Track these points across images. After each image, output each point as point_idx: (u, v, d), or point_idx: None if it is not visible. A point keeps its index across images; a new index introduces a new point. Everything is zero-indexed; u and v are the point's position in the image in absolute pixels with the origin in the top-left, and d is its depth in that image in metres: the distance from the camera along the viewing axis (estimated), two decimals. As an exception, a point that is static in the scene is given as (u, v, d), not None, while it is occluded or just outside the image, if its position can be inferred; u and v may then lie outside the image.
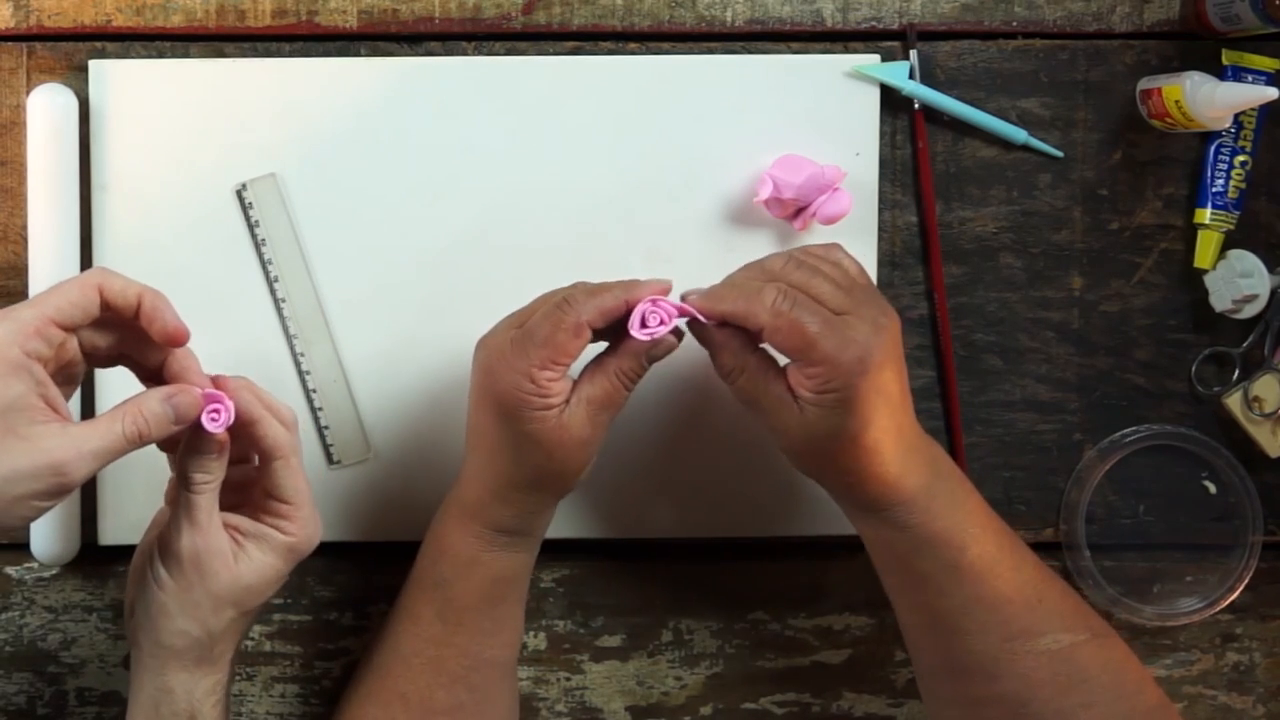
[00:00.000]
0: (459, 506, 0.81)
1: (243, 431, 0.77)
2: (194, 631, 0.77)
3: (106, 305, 0.74)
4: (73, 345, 0.75)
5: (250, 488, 0.80)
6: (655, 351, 0.78)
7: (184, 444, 0.76)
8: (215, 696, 0.79)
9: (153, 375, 0.77)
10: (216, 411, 0.75)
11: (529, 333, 0.76)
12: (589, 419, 0.77)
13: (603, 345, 0.79)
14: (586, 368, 0.79)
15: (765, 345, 0.78)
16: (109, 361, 0.77)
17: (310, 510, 0.79)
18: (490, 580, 0.82)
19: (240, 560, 0.77)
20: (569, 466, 0.78)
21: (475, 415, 0.80)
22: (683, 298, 0.78)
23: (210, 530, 0.76)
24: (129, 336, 0.76)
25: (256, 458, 0.80)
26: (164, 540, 0.77)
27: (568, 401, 0.77)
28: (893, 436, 0.77)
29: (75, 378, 0.76)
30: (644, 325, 0.77)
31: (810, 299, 0.75)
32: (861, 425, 0.75)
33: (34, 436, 0.70)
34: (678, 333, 0.78)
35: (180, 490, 0.77)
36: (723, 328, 0.78)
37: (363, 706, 0.83)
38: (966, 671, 0.80)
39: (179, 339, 0.75)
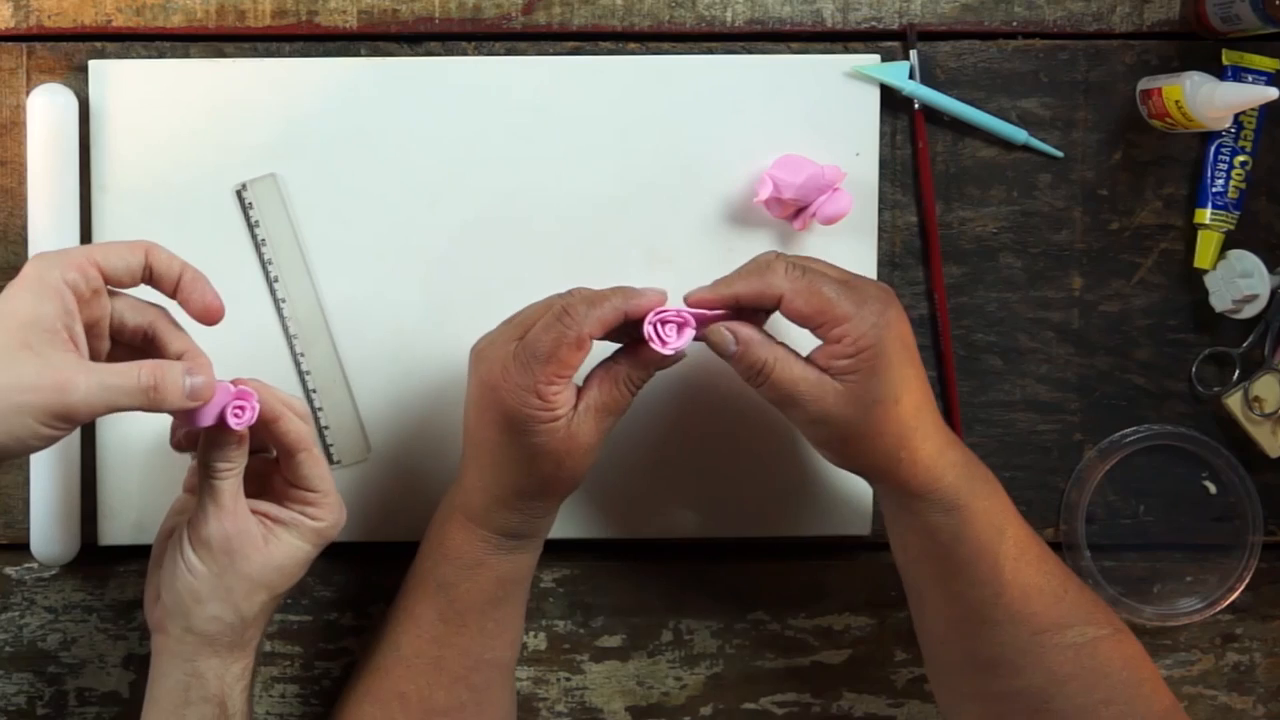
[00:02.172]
0: (463, 513, 0.81)
1: (264, 429, 0.78)
2: (227, 617, 0.78)
3: (150, 272, 0.75)
4: (105, 305, 0.75)
5: (270, 476, 0.81)
6: (670, 361, 0.78)
7: (204, 439, 0.77)
8: (244, 682, 0.80)
9: None
10: (240, 409, 0.76)
11: (531, 347, 0.76)
12: (596, 425, 0.78)
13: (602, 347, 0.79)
14: (592, 374, 0.79)
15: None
16: (131, 344, 0.77)
17: (336, 495, 0.81)
18: (495, 581, 0.82)
19: (270, 542, 0.78)
20: (577, 473, 0.79)
21: (478, 428, 0.79)
22: (686, 300, 0.78)
23: (238, 514, 0.77)
24: (157, 321, 0.77)
25: (274, 451, 0.81)
26: (193, 527, 0.78)
27: (574, 409, 0.77)
28: (929, 405, 0.78)
29: (99, 351, 0.76)
30: (657, 334, 0.77)
31: (816, 270, 0.77)
32: (901, 385, 0.76)
33: (47, 355, 0.69)
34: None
35: (204, 478, 0.77)
36: (744, 324, 0.77)
37: (360, 706, 0.83)
38: (993, 665, 0.80)
39: (215, 314, 0.76)
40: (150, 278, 0.75)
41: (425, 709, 0.82)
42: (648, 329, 0.76)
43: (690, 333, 0.77)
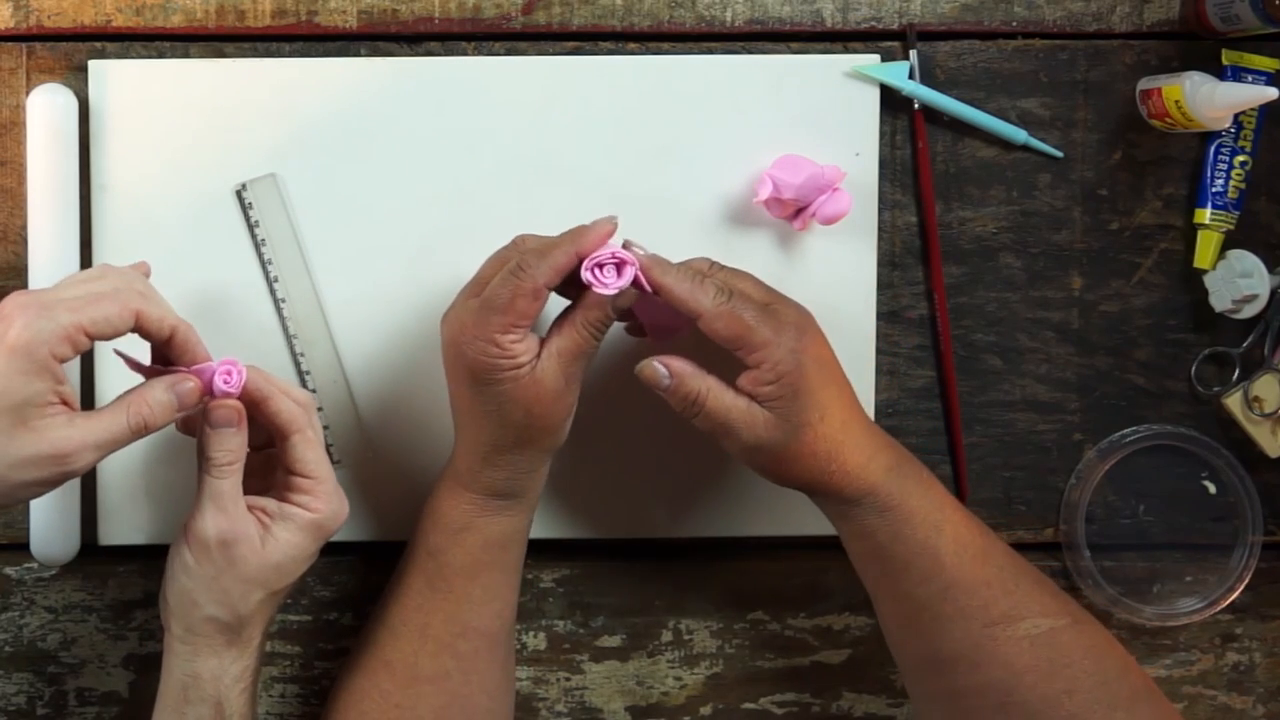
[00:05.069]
0: (452, 478, 0.83)
1: (256, 411, 0.79)
2: (223, 616, 0.78)
3: (139, 330, 0.76)
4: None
5: (273, 472, 0.81)
6: (619, 302, 0.79)
7: (201, 421, 0.78)
8: (243, 684, 0.80)
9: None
10: (228, 374, 0.77)
11: (488, 302, 0.77)
12: (561, 371, 0.79)
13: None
14: (553, 323, 0.80)
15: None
16: None
17: (333, 485, 0.81)
18: (481, 545, 0.82)
19: (267, 543, 0.78)
20: (549, 421, 0.80)
21: (453, 389, 0.81)
22: (625, 244, 0.79)
23: (235, 514, 0.78)
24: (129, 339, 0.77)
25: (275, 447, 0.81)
26: (190, 526, 0.78)
27: (538, 357, 0.78)
28: (855, 417, 0.80)
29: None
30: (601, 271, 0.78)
31: (741, 294, 0.79)
32: (825, 404, 0.78)
33: (43, 429, 0.72)
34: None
35: (203, 475, 0.78)
36: (675, 358, 0.79)
37: (353, 678, 0.84)
38: (950, 662, 0.80)
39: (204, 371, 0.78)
40: (138, 332, 0.76)
41: (411, 676, 0.82)
42: (585, 274, 0.77)
43: (631, 271, 0.78)
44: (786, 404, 0.78)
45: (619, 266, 0.78)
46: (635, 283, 0.78)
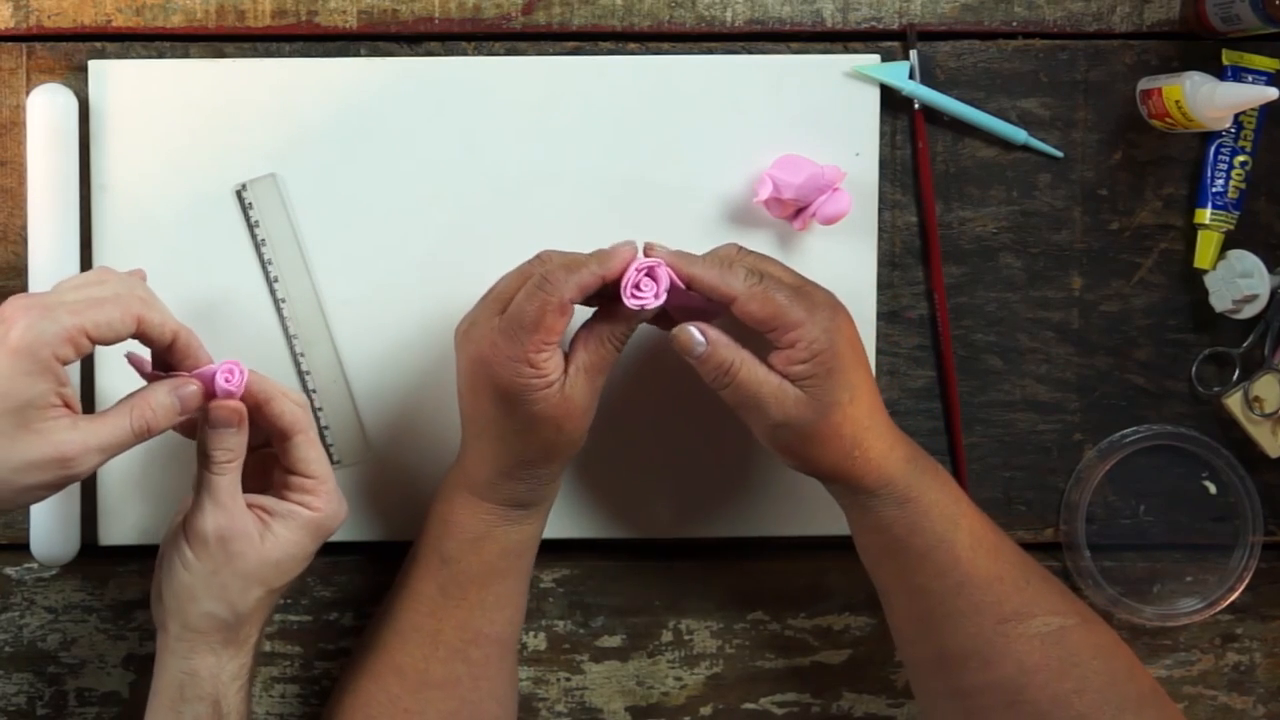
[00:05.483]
0: (467, 490, 0.82)
1: (258, 413, 0.79)
2: (221, 613, 0.78)
3: (140, 335, 0.76)
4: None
5: (270, 471, 0.82)
6: (643, 314, 0.79)
7: (202, 420, 0.78)
8: (240, 681, 0.80)
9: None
10: (230, 373, 0.77)
11: (516, 318, 0.77)
12: (590, 385, 0.79)
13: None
14: (576, 337, 0.80)
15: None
16: None
17: (334, 486, 0.81)
18: (499, 553, 0.82)
19: (266, 539, 0.78)
20: (576, 434, 0.80)
21: (474, 406, 0.80)
22: (647, 249, 0.79)
23: (235, 510, 0.78)
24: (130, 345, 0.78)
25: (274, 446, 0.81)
26: (189, 522, 0.78)
27: (565, 373, 0.78)
28: (879, 405, 0.80)
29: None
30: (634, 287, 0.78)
31: (771, 276, 0.79)
32: (855, 387, 0.78)
33: (45, 431, 0.72)
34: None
35: (202, 471, 0.78)
36: (710, 326, 0.79)
37: (359, 682, 0.84)
38: (961, 659, 0.80)
39: (206, 376, 0.78)
40: (139, 338, 0.77)
41: (421, 681, 0.82)
42: (630, 303, 0.77)
43: (665, 274, 0.78)
44: (819, 383, 0.77)
45: (650, 274, 0.78)
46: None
